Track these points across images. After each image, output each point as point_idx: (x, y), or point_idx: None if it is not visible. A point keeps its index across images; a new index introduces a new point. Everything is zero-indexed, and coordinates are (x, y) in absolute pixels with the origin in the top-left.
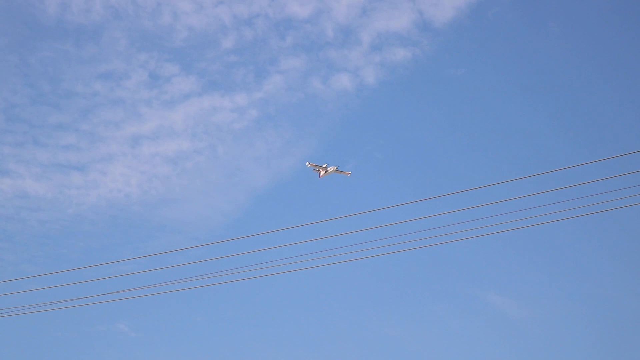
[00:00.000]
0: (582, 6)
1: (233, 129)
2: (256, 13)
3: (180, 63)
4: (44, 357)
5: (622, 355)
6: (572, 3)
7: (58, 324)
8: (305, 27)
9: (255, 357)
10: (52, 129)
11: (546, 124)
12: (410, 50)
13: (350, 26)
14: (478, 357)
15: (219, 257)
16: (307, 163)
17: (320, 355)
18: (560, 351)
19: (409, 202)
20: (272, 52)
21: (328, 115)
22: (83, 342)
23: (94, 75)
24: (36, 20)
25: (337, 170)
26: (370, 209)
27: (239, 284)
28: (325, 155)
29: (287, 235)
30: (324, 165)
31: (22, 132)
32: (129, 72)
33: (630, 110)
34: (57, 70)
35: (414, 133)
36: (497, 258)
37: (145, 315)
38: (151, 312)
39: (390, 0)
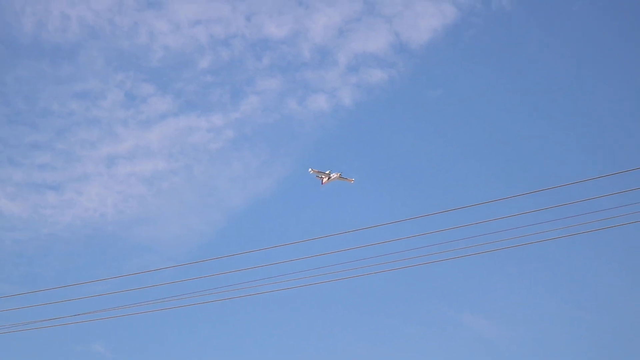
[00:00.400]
0: (558, 28)
1: (209, 149)
2: (233, 33)
3: (157, 83)
4: None
5: None
6: (548, 25)
7: (33, 344)
8: (282, 48)
9: None
10: (28, 148)
11: (522, 144)
12: (386, 72)
13: (326, 47)
14: None
15: (195, 278)
16: (309, 169)
17: None
18: None
19: (385, 224)
20: (249, 73)
21: (304, 135)
22: None
23: (70, 94)
24: (12, 39)
25: (340, 177)
26: (346, 230)
27: (215, 305)
28: (300, 176)
29: (263, 255)
30: (327, 172)
31: None
32: (105, 92)
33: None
34: (33, 89)
35: (390, 154)
36: (472, 278)
37: (121, 335)
38: (127, 332)
39: (366, 22)
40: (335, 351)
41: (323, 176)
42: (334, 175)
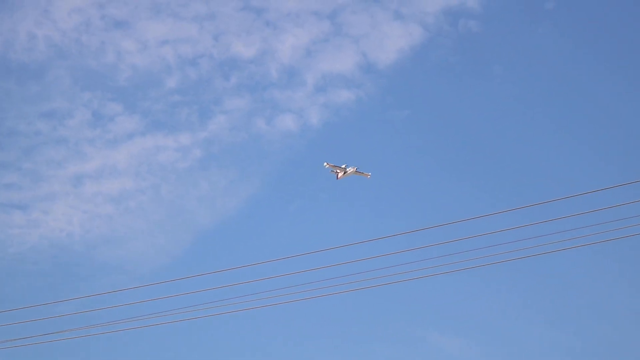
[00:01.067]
0: (524, 50)
1: (176, 169)
2: (201, 53)
3: (124, 102)
4: None
5: None
6: (514, 47)
7: None
8: (250, 68)
9: None
10: None
11: (488, 163)
12: (354, 92)
13: (294, 67)
14: None
15: (163, 297)
16: (325, 163)
17: None
18: None
19: (353, 243)
20: (216, 92)
21: (272, 155)
22: None
23: (37, 113)
24: None
25: (356, 171)
26: (314, 250)
27: (183, 324)
28: (268, 196)
29: (230, 275)
30: (343, 166)
31: None
32: (73, 111)
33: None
34: None
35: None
36: (439, 296)
37: (88, 355)
38: (94, 352)
39: (334, 42)
40: None
41: (338, 170)
42: (350, 170)
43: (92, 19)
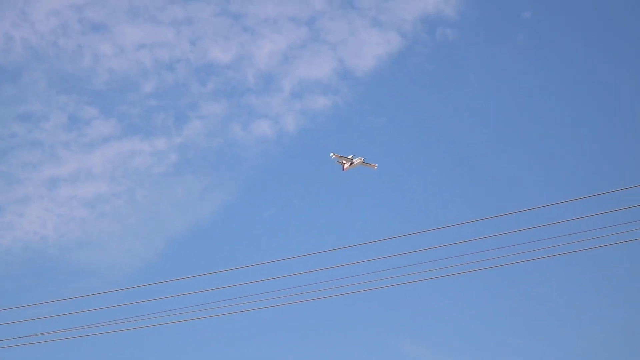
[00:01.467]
0: (502, 58)
1: (152, 174)
2: (177, 58)
3: (100, 106)
4: None
5: None
6: (491, 55)
7: None
8: (227, 73)
9: None
10: None
11: (461, 176)
12: (330, 98)
13: (271, 73)
14: None
15: (136, 302)
16: (331, 154)
17: None
18: None
19: (327, 250)
20: (193, 97)
21: (248, 161)
22: None
23: (13, 116)
24: None
25: (363, 162)
26: (288, 257)
27: (156, 329)
28: (243, 202)
29: (204, 280)
30: (350, 157)
31: None
32: (48, 114)
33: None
34: None
35: (333, 180)
36: (413, 304)
37: (61, 359)
38: (68, 356)
39: (311, 48)
40: None
41: (344, 161)
42: (356, 161)
43: (69, 22)
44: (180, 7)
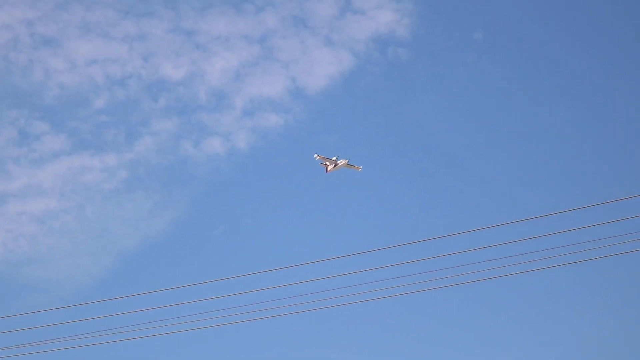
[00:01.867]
0: (453, 78)
1: (102, 190)
2: (129, 73)
3: (51, 121)
4: None
5: None
6: (443, 75)
7: None
8: (178, 90)
9: None
10: None
11: (420, 193)
12: (282, 116)
13: (223, 90)
14: None
15: (85, 319)
16: (315, 155)
17: None
18: None
19: (278, 268)
20: (144, 114)
21: (199, 178)
22: None
23: None
24: None
25: (348, 164)
26: (236, 275)
27: (104, 346)
28: (193, 219)
29: (154, 298)
30: (334, 158)
31: None
32: None
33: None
34: None
35: (283, 200)
36: (359, 320)
37: None
38: None
39: (263, 66)
40: None
41: (328, 163)
42: (341, 162)
43: (20, 36)
44: (133, 23)
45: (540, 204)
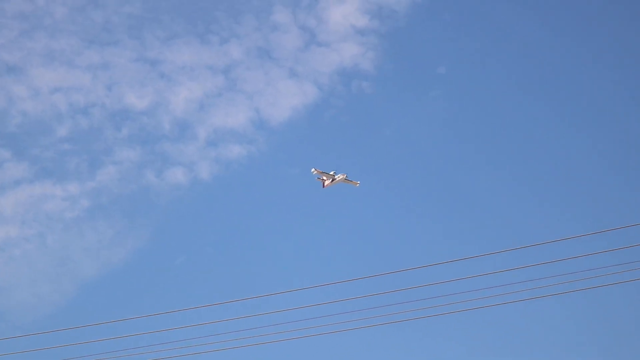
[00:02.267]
0: (417, 112)
1: (64, 218)
2: (93, 102)
3: (13, 148)
4: None
5: None
6: (406, 109)
7: None
8: (142, 119)
9: None
10: None
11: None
12: (245, 147)
13: (187, 120)
14: None
15: (44, 348)
16: (312, 169)
17: None
18: None
19: (239, 300)
20: (107, 142)
21: (161, 208)
22: None
23: None
24: None
25: (345, 179)
26: (199, 305)
27: None
28: (155, 248)
29: (115, 327)
30: (331, 173)
31: None
32: None
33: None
34: None
35: (246, 229)
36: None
37: None
38: None
39: (227, 97)
40: None
41: (325, 178)
42: (339, 177)
43: None
44: (97, 52)
45: (535, 232)
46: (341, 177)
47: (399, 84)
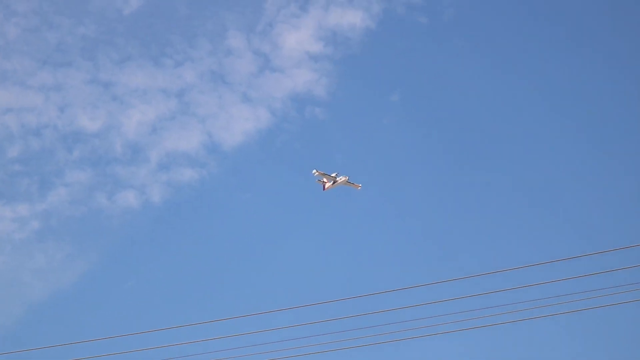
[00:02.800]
0: (369, 139)
1: (12, 240)
2: (45, 123)
3: None
4: None
5: None
6: (360, 136)
7: None
8: (94, 141)
9: None
10: None
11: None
12: (197, 171)
13: (139, 143)
14: None
15: None
16: (314, 171)
17: None
18: None
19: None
20: (59, 164)
21: (111, 231)
22: None
23: None
24: None
25: (347, 181)
26: (147, 330)
27: None
28: (105, 272)
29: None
30: (333, 175)
31: None
32: None
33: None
34: None
35: (197, 253)
36: None
37: None
38: None
39: (180, 121)
40: None
41: (326, 180)
42: (340, 179)
43: None
44: (50, 73)
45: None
46: (343, 179)
47: (352, 111)
